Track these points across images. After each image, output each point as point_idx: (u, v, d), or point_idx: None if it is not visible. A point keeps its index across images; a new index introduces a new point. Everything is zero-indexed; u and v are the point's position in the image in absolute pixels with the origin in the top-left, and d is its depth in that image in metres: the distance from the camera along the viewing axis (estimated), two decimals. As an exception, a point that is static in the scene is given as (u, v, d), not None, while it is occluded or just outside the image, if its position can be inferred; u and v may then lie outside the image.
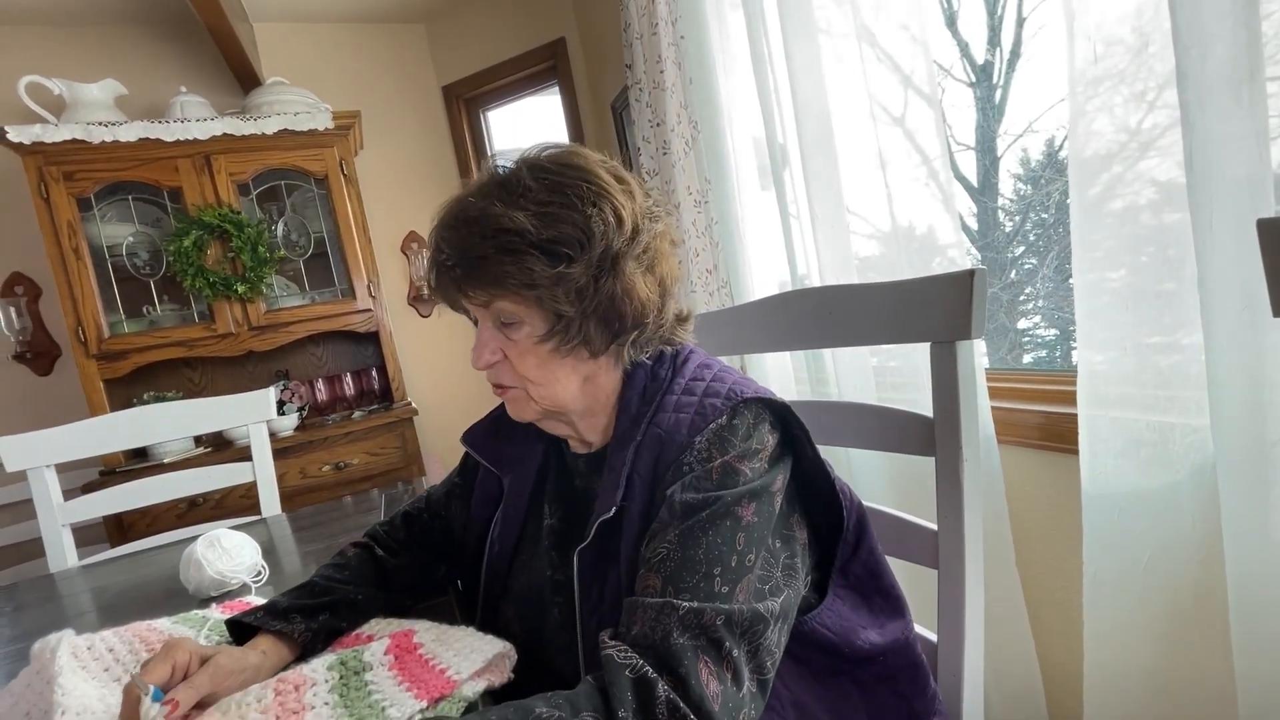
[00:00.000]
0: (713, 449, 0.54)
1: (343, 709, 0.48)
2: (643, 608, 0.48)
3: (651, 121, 1.68)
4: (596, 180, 0.58)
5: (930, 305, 0.68)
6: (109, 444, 1.39)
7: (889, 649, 0.61)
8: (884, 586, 0.64)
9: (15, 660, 0.82)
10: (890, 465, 1.23)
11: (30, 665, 0.60)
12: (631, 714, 0.42)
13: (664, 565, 0.50)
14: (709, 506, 0.51)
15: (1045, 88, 1.19)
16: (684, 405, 0.58)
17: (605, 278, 0.57)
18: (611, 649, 0.47)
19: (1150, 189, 0.80)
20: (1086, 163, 0.83)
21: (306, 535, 1.19)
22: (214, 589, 0.89)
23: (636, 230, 0.59)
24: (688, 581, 0.48)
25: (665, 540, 0.51)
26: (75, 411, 2.19)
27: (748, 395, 0.57)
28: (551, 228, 0.56)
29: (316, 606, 0.64)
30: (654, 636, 0.46)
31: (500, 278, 0.56)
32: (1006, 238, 1.35)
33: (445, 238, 0.59)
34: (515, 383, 0.62)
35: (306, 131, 2.27)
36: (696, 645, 0.46)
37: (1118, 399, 0.81)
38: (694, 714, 0.43)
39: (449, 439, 2.80)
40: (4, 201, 2.28)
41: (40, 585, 1.17)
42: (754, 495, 0.53)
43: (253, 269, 2.20)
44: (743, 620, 0.48)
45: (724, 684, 0.45)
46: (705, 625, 0.47)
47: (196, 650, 0.55)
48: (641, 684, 0.44)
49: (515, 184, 0.58)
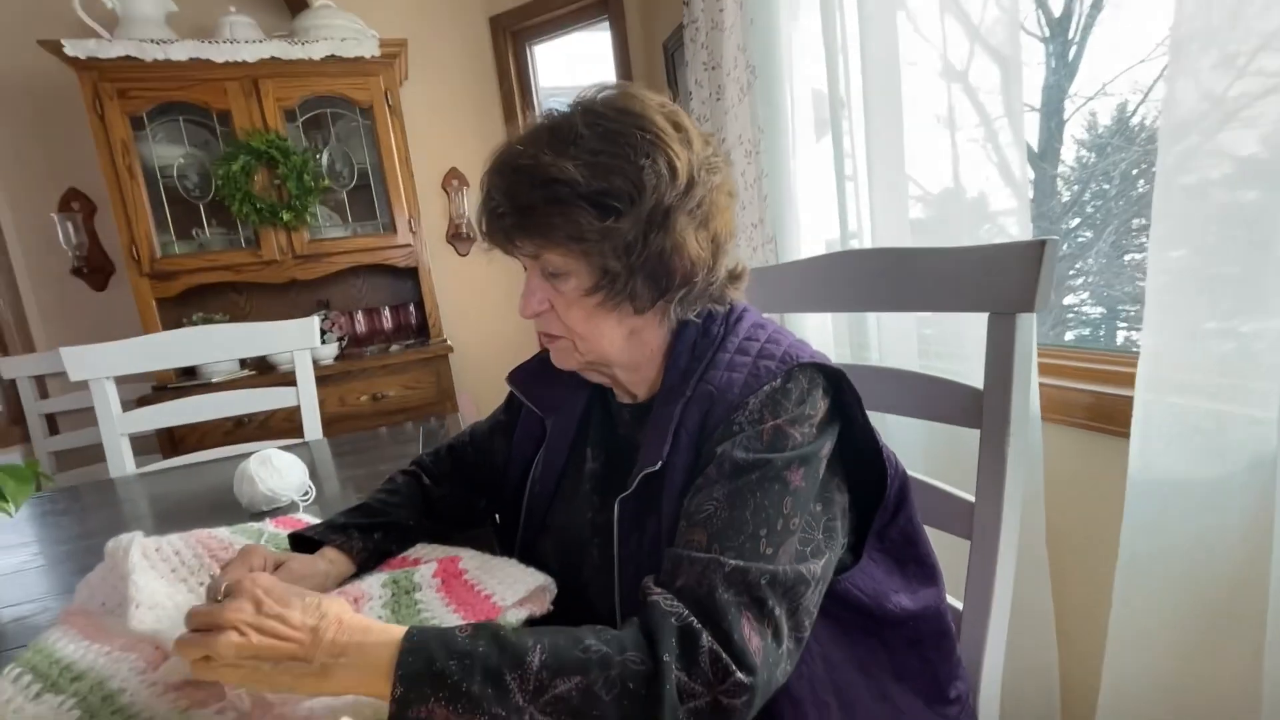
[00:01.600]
0: (765, 411, 0.54)
1: (395, 622, 0.51)
2: (689, 561, 0.49)
3: (706, 64, 1.61)
4: (652, 128, 0.56)
5: (994, 274, 0.66)
6: (166, 360, 1.45)
7: (919, 614, 0.62)
8: (919, 554, 0.64)
9: (85, 555, 0.88)
10: (927, 434, 1.22)
11: (105, 561, 0.64)
12: (675, 659, 0.44)
13: (710, 522, 0.51)
14: (759, 469, 0.52)
15: (1127, 45, 1.10)
16: (737, 365, 0.57)
17: (655, 233, 0.56)
18: (657, 596, 0.48)
19: (1226, 163, 0.75)
20: (1170, 131, 0.78)
21: (347, 461, 1.24)
22: (265, 504, 0.94)
23: (691, 183, 0.57)
24: (734, 541, 0.49)
25: (712, 497, 0.52)
26: (128, 328, 2.28)
27: (803, 359, 0.56)
28: (601, 179, 0.54)
29: (371, 526, 0.67)
30: (699, 590, 0.47)
31: (547, 229, 0.56)
32: (1063, 208, 1.29)
33: (495, 184, 0.59)
34: (560, 333, 0.62)
35: (353, 59, 2.24)
36: (740, 602, 0.47)
37: (1178, 384, 0.78)
38: (735, 664, 0.44)
39: (481, 378, 2.85)
40: (60, 117, 2.32)
41: (102, 489, 1.25)
42: (803, 460, 0.53)
43: (298, 197, 2.22)
44: (785, 581, 0.49)
45: (765, 639, 0.47)
46: (750, 583, 0.48)
47: (270, 556, 0.59)
48: (686, 633, 0.45)
49: (567, 131, 0.56)
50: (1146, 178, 1.13)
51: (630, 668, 0.43)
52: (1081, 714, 1.06)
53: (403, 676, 0.42)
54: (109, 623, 0.59)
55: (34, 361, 2.25)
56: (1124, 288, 1.18)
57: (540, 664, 0.43)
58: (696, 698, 0.43)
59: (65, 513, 1.11)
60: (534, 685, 0.42)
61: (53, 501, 1.18)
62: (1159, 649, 0.82)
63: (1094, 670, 0.91)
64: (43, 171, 2.36)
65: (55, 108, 2.32)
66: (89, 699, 0.47)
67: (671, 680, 0.43)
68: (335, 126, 2.41)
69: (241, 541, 0.73)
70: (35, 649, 0.54)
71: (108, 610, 0.62)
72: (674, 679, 0.43)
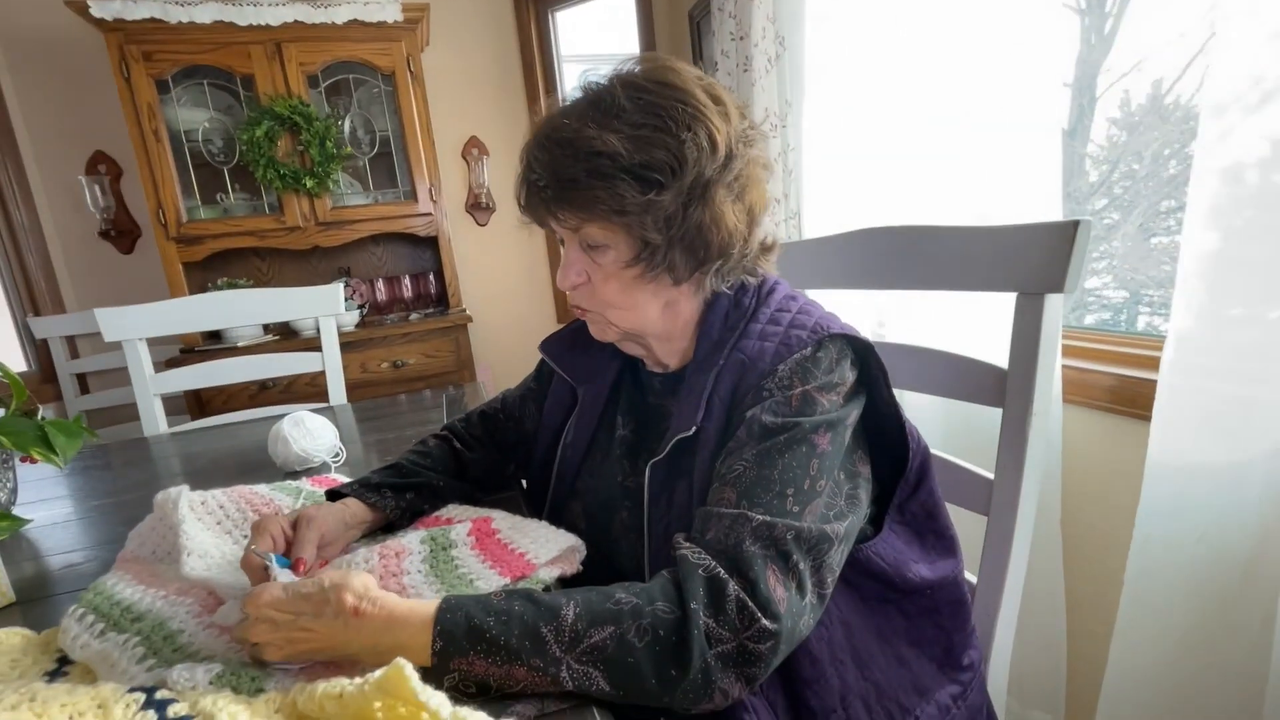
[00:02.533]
0: (794, 377, 0.55)
1: (434, 577, 0.53)
2: (717, 516, 0.51)
3: (734, 34, 1.59)
4: (693, 101, 0.57)
5: (1025, 254, 0.66)
6: (197, 323, 1.48)
7: (936, 584, 0.63)
8: (939, 527, 0.66)
9: (125, 508, 0.92)
10: (945, 411, 1.22)
11: (154, 512, 0.68)
12: (703, 607, 0.46)
13: (739, 481, 0.52)
14: (787, 431, 0.53)
15: (1167, 19, 1.07)
16: (769, 334, 0.59)
17: (695, 205, 0.57)
18: (686, 549, 0.50)
19: (1265, 145, 0.73)
20: (1210, 109, 0.76)
21: (370, 426, 1.27)
22: (298, 464, 0.97)
23: (730, 156, 0.58)
24: (762, 498, 0.51)
25: (742, 458, 0.53)
26: (155, 292, 2.32)
27: (834, 330, 0.58)
28: (644, 152, 0.55)
29: (404, 485, 0.70)
30: (727, 542, 0.49)
31: (590, 202, 0.56)
32: (1091, 188, 1.27)
33: (537, 157, 0.59)
34: (596, 307, 0.63)
35: (375, 23, 2.23)
36: (766, 554, 0.49)
37: (1203, 368, 0.78)
38: (760, 612, 0.46)
39: (499, 349, 2.88)
40: (87, 79, 2.34)
41: (137, 446, 1.29)
42: (830, 426, 0.54)
43: (320, 164, 2.23)
44: (810, 537, 0.51)
45: (789, 591, 0.49)
46: (776, 538, 0.49)
47: (283, 519, 0.61)
48: (714, 582, 0.47)
49: (609, 103, 0.56)
50: (1179, 158, 1.10)
51: (660, 616, 0.45)
52: (1087, 689, 1.08)
53: (441, 632, 0.44)
54: (161, 569, 0.63)
55: (65, 322, 2.30)
56: (1149, 271, 1.17)
57: (575, 616, 0.45)
58: (724, 643, 0.45)
59: (104, 468, 1.15)
60: (569, 636, 0.44)
61: (93, 456, 1.22)
62: (1167, 631, 0.84)
63: (1101, 648, 0.92)
64: (70, 134, 2.39)
65: (82, 70, 2.33)
66: (151, 637, 0.50)
67: (700, 625, 0.45)
68: (357, 93, 2.40)
69: (281, 498, 0.76)
70: (95, 591, 0.58)
71: (158, 558, 0.66)
72: (702, 624, 0.45)
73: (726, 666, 0.45)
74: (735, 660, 0.46)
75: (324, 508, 0.64)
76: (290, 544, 0.59)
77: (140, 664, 0.47)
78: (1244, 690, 0.78)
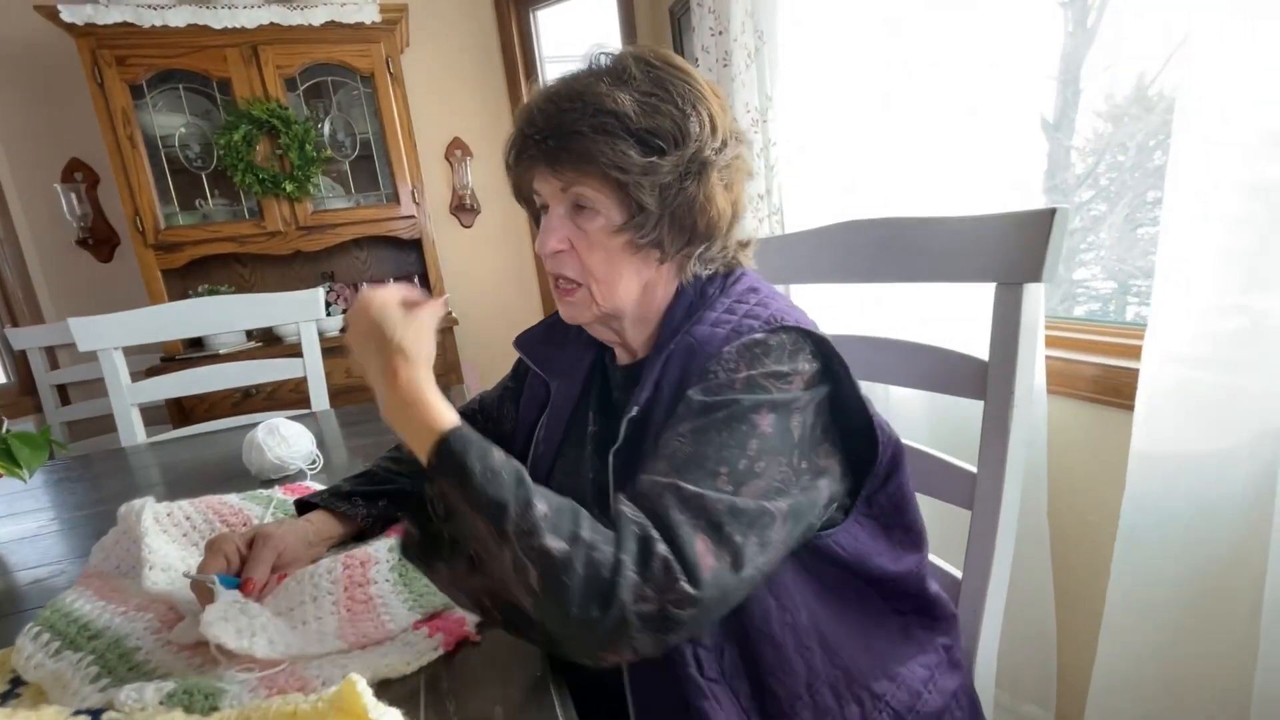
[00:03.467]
0: (740, 361, 0.54)
1: (403, 585, 0.52)
2: (650, 484, 0.50)
3: (713, 30, 1.58)
4: (697, 84, 0.59)
5: (1003, 243, 0.65)
6: (172, 331, 1.46)
7: (899, 577, 0.62)
8: (906, 521, 0.64)
9: (99, 520, 0.90)
10: (931, 404, 1.22)
11: (118, 525, 0.66)
12: (632, 560, 0.45)
13: (674, 457, 0.51)
14: (725, 408, 0.52)
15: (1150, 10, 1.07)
16: (722, 321, 0.58)
17: (691, 180, 0.58)
18: (625, 506, 0.49)
19: (1251, 135, 0.73)
20: (1194, 95, 0.76)
21: (354, 431, 1.26)
22: (274, 472, 0.95)
23: (725, 144, 0.60)
24: (693, 475, 0.49)
25: (678, 434, 0.52)
26: (135, 299, 2.29)
27: (788, 322, 0.56)
28: (651, 118, 0.56)
29: (376, 493, 0.68)
30: (657, 509, 0.48)
31: (592, 155, 0.56)
32: (1077, 180, 1.26)
33: (541, 109, 0.59)
34: (578, 277, 0.62)
35: (353, 24, 2.21)
36: (696, 524, 0.47)
37: (1187, 356, 0.78)
38: (684, 576, 0.45)
39: (486, 351, 2.86)
40: (61, 86, 2.30)
41: (114, 457, 1.26)
42: (774, 407, 0.52)
43: (300, 168, 2.21)
44: (748, 512, 0.49)
45: (720, 562, 0.47)
46: (706, 509, 0.48)
47: (238, 537, 0.59)
48: (644, 541, 0.46)
49: (620, 70, 0.58)
50: (1164, 149, 1.10)
51: (602, 556, 0.45)
52: (1077, 681, 1.08)
53: (439, 452, 0.48)
54: (124, 584, 0.61)
55: (43, 332, 2.26)
56: (1136, 262, 1.17)
57: (542, 515, 0.45)
58: (647, 601, 0.45)
59: (79, 479, 1.13)
60: (528, 527, 0.44)
61: (66, 469, 1.20)
62: (1155, 620, 0.83)
63: (1091, 639, 0.92)
64: (45, 142, 2.35)
65: (55, 77, 2.30)
66: (106, 656, 0.48)
67: (626, 578, 0.44)
68: (336, 95, 2.38)
69: (251, 507, 0.74)
70: (53, 608, 0.56)
71: (122, 573, 0.64)
72: (629, 578, 0.45)
73: (645, 626, 0.45)
74: (654, 621, 0.45)
75: (285, 525, 0.62)
76: (245, 563, 0.57)
77: (94, 684, 0.46)
78: (1231, 677, 0.78)
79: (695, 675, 0.53)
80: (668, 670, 0.54)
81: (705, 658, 0.55)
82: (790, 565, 0.57)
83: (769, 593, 0.56)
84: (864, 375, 0.85)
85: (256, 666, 0.46)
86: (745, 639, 0.56)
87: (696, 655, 0.54)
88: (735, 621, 0.55)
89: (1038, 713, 1.12)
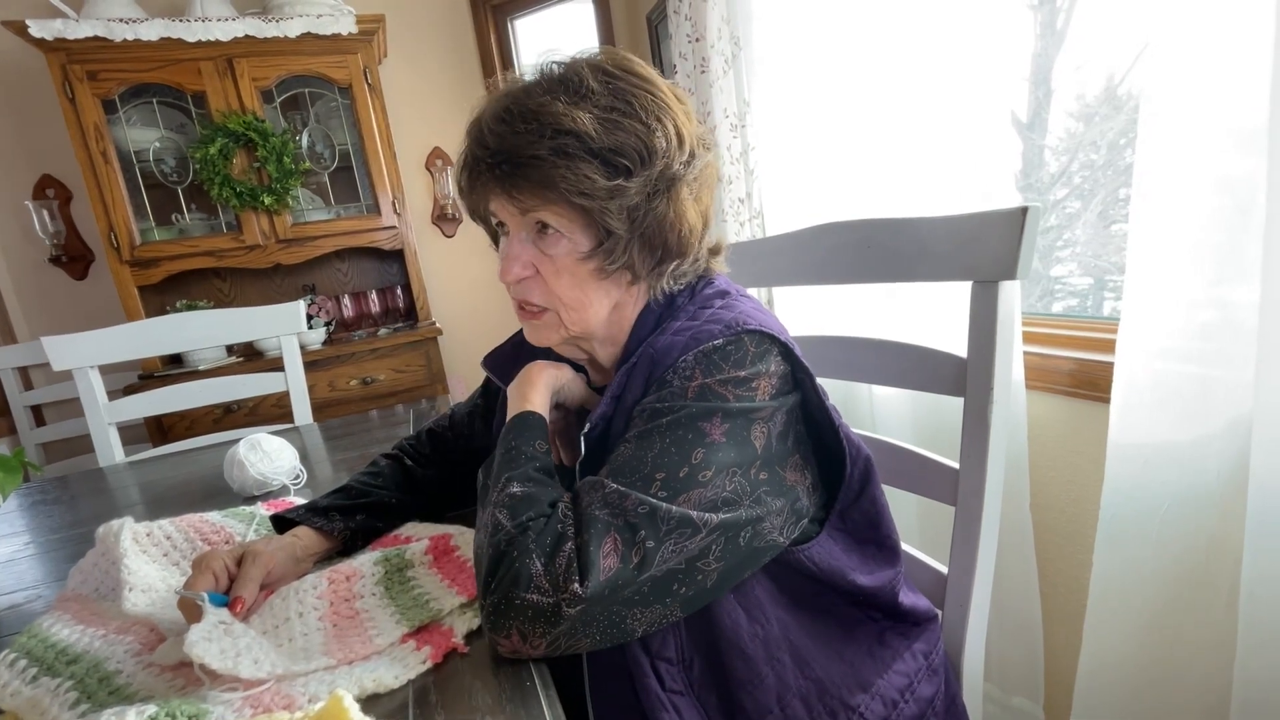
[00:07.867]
0: (696, 369, 0.52)
1: (389, 599, 0.52)
2: (586, 484, 0.51)
3: (690, 36, 1.59)
4: (660, 94, 0.55)
5: (977, 242, 0.66)
6: (149, 348, 1.43)
7: (874, 591, 0.62)
8: (880, 536, 0.63)
9: (77, 543, 0.88)
10: (912, 402, 1.23)
11: (96, 547, 0.65)
12: (541, 552, 0.46)
13: (614, 461, 0.51)
14: (671, 414, 0.51)
15: (1117, 11, 1.10)
16: (683, 330, 0.56)
17: (659, 198, 0.55)
18: (561, 505, 0.50)
19: (1220, 131, 0.75)
20: (1161, 94, 0.77)
21: (338, 444, 1.24)
22: (256, 489, 0.94)
23: (693, 155, 0.56)
24: (626, 478, 0.49)
25: (624, 439, 0.52)
26: (111, 317, 2.25)
27: (751, 326, 0.54)
28: (613, 135, 0.52)
29: (353, 507, 0.68)
30: (581, 506, 0.49)
31: (553, 181, 0.52)
32: (1051, 179, 1.29)
33: (494, 131, 0.54)
34: (545, 303, 0.59)
35: (330, 36, 2.19)
36: (612, 522, 0.47)
37: (1159, 349, 0.79)
38: (579, 575, 0.45)
39: (472, 360, 2.84)
40: (31, 102, 2.26)
41: (92, 478, 1.24)
42: (728, 415, 0.50)
43: (278, 180, 2.18)
44: (670, 518, 0.47)
45: (624, 564, 0.46)
46: (625, 508, 0.47)
47: (227, 553, 0.58)
48: (559, 537, 0.47)
49: (577, 83, 0.53)
50: (1135, 147, 1.13)
51: (522, 541, 0.47)
52: (1064, 672, 1.09)
53: (512, 423, 0.58)
54: (103, 607, 0.60)
55: (16, 352, 2.22)
56: (1111, 258, 1.19)
57: (512, 494, 0.51)
58: (543, 593, 0.45)
59: (56, 502, 1.11)
60: (496, 499, 0.51)
61: (43, 491, 1.17)
62: (1138, 608, 0.84)
63: (1076, 630, 0.93)
64: (15, 158, 2.31)
65: (25, 92, 2.26)
66: (85, 680, 0.47)
67: (531, 565, 0.45)
68: (314, 107, 2.36)
69: (234, 525, 0.73)
70: (29, 634, 0.55)
71: (101, 595, 0.62)
72: (534, 566, 0.45)
73: (536, 616, 0.45)
74: (545, 613, 0.45)
75: (273, 542, 0.61)
76: (233, 581, 0.56)
77: (73, 709, 0.45)
78: (1212, 661, 0.79)
79: (655, 688, 0.53)
80: (627, 682, 0.53)
81: (667, 671, 0.54)
82: (761, 577, 0.56)
83: (739, 604, 0.55)
84: (845, 375, 0.86)
85: (241, 685, 0.45)
86: (714, 651, 0.54)
87: (656, 668, 0.53)
88: (704, 633, 0.54)
89: (1027, 705, 1.13)
